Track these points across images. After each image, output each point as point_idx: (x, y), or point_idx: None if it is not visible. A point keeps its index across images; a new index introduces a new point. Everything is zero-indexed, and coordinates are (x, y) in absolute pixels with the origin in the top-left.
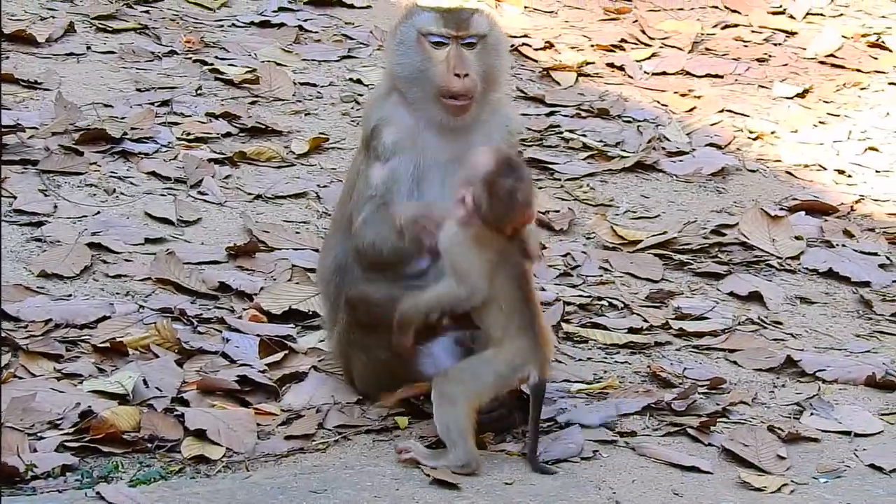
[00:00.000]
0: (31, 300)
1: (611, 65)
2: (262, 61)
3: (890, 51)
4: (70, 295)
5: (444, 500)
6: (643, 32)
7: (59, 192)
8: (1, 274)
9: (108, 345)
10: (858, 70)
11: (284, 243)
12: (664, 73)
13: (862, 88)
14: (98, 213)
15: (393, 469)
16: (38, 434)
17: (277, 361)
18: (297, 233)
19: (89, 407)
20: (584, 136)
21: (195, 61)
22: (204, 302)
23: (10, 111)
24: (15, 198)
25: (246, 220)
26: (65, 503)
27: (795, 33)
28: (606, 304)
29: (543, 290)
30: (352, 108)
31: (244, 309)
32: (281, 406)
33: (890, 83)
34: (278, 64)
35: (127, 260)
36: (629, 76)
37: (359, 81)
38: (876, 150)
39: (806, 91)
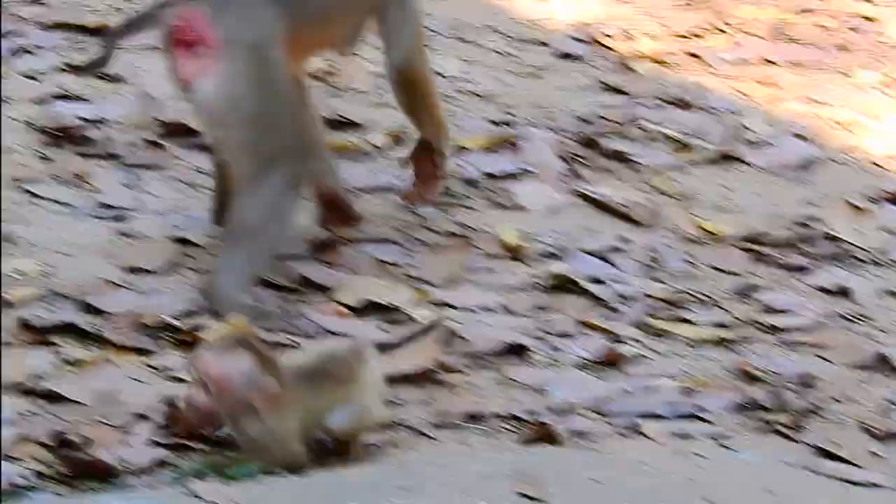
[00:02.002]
0: (116, 294)
1: (689, 53)
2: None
3: None
4: (156, 289)
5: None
6: (721, 20)
7: (143, 186)
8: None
9: (193, 338)
10: None
11: (364, 236)
12: (744, 62)
13: None
14: (182, 207)
15: (485, 467)
16: (127, 429)
17: None
18: (377, 226)
19: (176, 397)
20: (664, 126)
21: None
22: (286, 295)
23: (93, 105)
24: (100, 192)
25: None
26: (159, 500)
27: (876, 19)
28: (692, 298)
29: (627, 284)
30: None
31: (324, 302)
32: None
33: None
34: (356, 56)
35: (210, 254)
36: (708, 65)
37: (435, 72)
38: None
39: (889, 78)
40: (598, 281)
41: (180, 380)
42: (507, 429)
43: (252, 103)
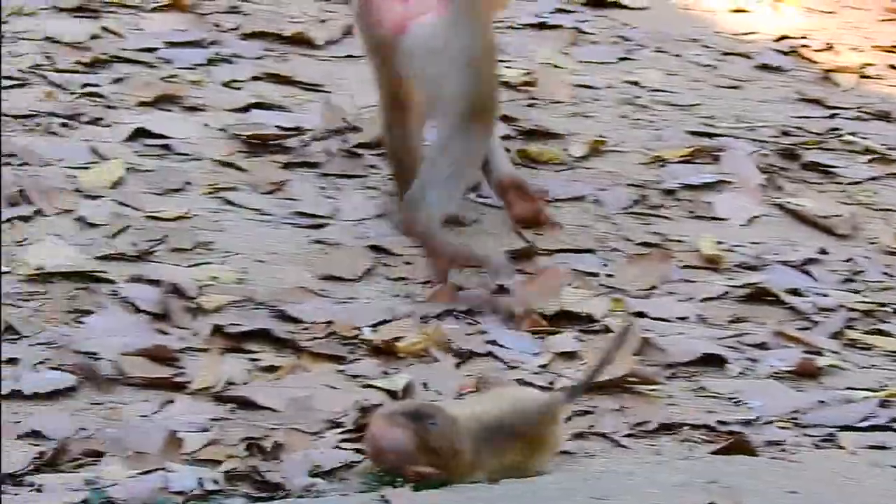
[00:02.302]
0: (312, 302)
1: (892, 66)
2: (539, 63)
3: None
4: (352, 297)
5: None
6: None
7: (339, 195)
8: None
9: (387, 347)
10: None
11: (560, 246)
12: None
13: None
14: (378, 215)
15: (678, 477)
16: (319, 434)
17: (546, 364)
18: (574, 235)
19: (369, 404)
20: (865, 139)
21: None
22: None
23: (291, 113)
24: (296, 200)
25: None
26: None
27: None
28: (891, 310)
29: (826, 295)
30: (631, 110)
31: (519, 312)
32: None
33: None
34: (555, 66)
35: (407, 262)
36: None
37: (637, 84)
38: None
39: None
40: (795, 292)
41: (374, 388)
42: (701, 439)
43: (466, 52)
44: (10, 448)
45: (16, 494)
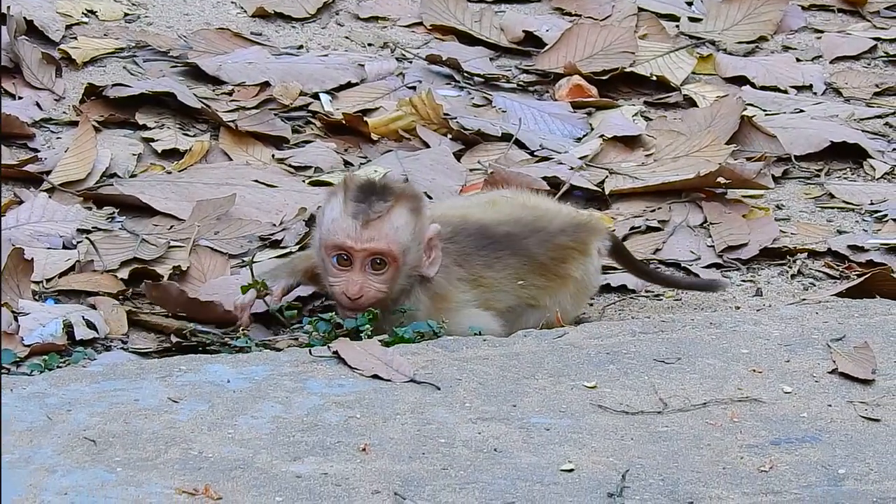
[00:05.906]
0: None
1: None
2: None
3: None
4: None
5: None
6: None
7: None
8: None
9: (351, 122)
10: None
11: None
12: None
13: None
14: None
15: (783, 331)
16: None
17: (591, 155)
18: None
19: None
20: None
21: None
22: None
23: None
24: None
25: None
26: None
27: None
28: None
29: None
30: None
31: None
32: None
33: None
34: None
35: None
36: None
37: None
38: None
39: None
40: None
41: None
42: (822, 273)
43: None
44: None
45: None
